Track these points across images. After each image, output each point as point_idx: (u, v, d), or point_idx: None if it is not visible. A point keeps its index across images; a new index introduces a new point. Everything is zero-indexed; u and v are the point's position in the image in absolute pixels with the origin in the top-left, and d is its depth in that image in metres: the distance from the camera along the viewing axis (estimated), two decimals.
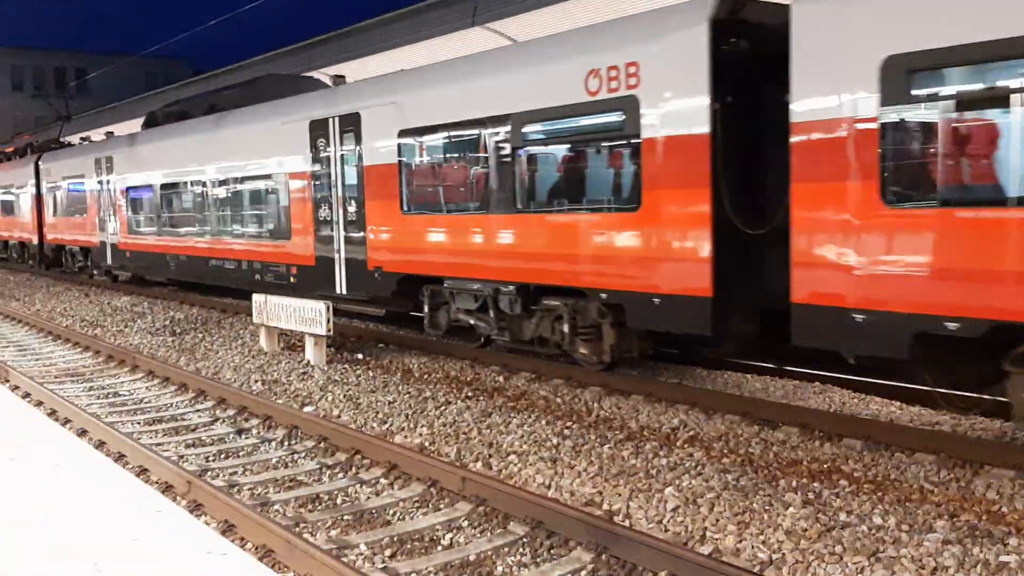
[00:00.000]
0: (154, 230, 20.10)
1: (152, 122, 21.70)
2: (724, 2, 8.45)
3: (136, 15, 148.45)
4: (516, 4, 18.87)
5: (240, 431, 9.04)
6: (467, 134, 11.20)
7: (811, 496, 6.38)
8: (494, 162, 10.77)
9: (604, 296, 9.59)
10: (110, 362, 12.92)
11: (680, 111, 8.66)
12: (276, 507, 6.74)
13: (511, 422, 8.68)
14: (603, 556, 5.56)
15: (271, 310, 12.73)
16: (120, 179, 21.61)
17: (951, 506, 6.20)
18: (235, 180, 16.75)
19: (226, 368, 12.09)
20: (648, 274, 9.08)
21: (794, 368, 10.55)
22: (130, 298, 20.85)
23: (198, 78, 36.68)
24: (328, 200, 13.86)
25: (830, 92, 7.38)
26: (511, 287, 10.71)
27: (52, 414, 9.49)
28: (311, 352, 12.05)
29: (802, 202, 7.63)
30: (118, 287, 23.36)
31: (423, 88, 11.98)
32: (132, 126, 29.96)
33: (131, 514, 4.25)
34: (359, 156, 13.07)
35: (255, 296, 13.15)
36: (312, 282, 14.38)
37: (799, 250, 7.69)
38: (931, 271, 6.88)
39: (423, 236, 11.99)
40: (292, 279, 15.01)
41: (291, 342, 13.35)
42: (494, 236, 10.87)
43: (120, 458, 7.84)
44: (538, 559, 5.72)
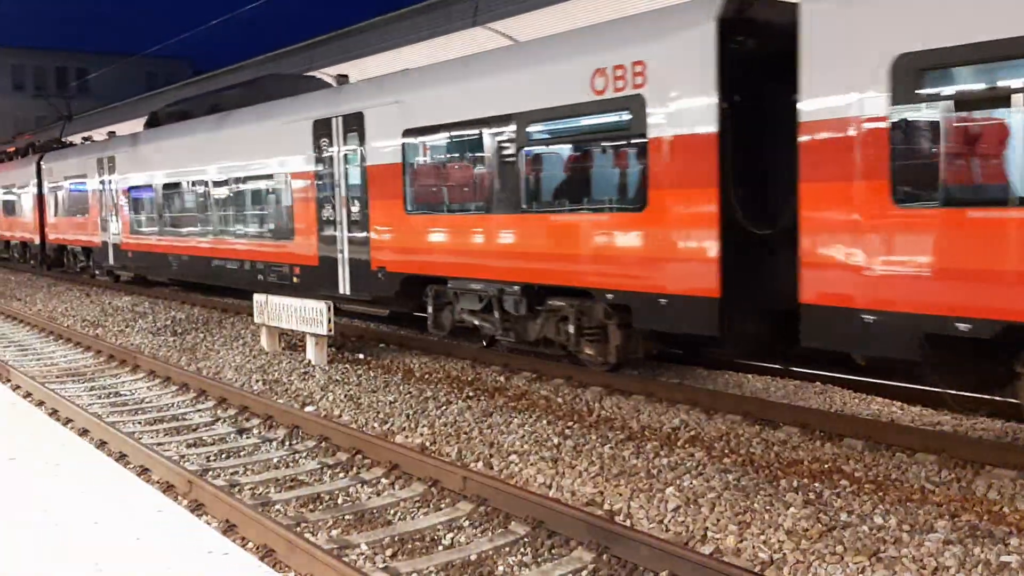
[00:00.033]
0: (156, 230, 20.04)
1: (154, 122, 21.63)
2: (732, 1, 8.39)
3: (137, 15, 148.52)
4: (517, 4, 18.87)
5: (241, 431, 9.05)
6: (471, 133, 11.13)
7: (812, 496, 6.38)
8: (499, 162, 10.70)
9: (610, 297, 9.54)
10: (111, 362, 12.93)
11: (687, 110, 8.59)
12: (277, 507, 6.75)
13: (512, 422, 8.68)
14: (604, 556, 5.56)
15: (272, 310, 12.73)
16: (122, 179, 21.55)
17: (952, 506, 6.20)
18: (238, 180, 16.68)
19: (227, 368, 12.10)
20: (655, 274, 9.01)
21: (795, 368, 10.54)
22: (131, 298, 20.86)
23: (199, 78, 36.69)
24: (331, 200, 13.81)
25: (839, 91, 7.30)
26: (516, 287, 10.65)
27: (53, 414, 9.49)
28: (312, 352, 12.05)
29: (811, 202, 7.56)
30: (119, 287, 23.36)
31: (427, 87, 11.93)
32: (133, 126, 29.98)
33: (132, 514, 4.26)
34: (362, 156, 13.02)
35: (256, 296, 13.14)
36: (315, 282, 14.32)
37: (807, 250, 7.62)
38: (942, 271, 6.79)
39: (427, 236, 11.94)
40: (295, 279, 14.94)
41: (292, 342, 13.36)
42: (499, 236, 10.81)
43: (121, 458, 7.85)
44: (539, 559, 5.72)
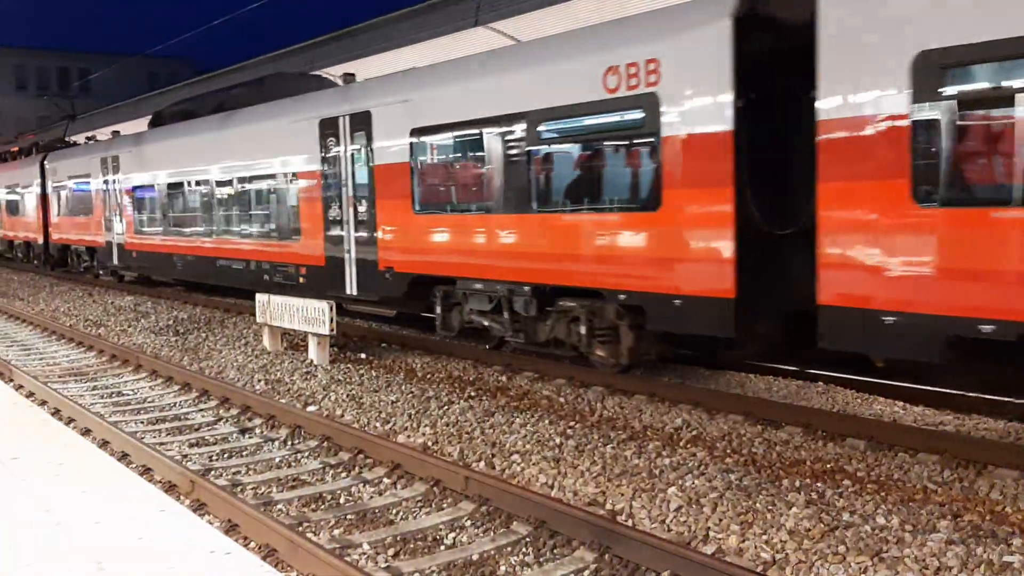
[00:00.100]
0: (161, 230, 20.01)
1: (158, 121, 21.60)
2: None
3: (138, 15, 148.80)
4: (518, 4, 18.86)
5: (243, 430, 9.06)
6: (481, 132, 11.02)
7: (814, 496, 6.38)
8: (509, 161, 10.60)
9: (622, 297, 9.43)
10: (114, 361, 12.94)
11: (702, 109, 8.47)
12: (279, 506, 6.75)
13: (514, 422, 8.68)
14: (606, 556, 5.56)
15: (274, 310, 12.73)
16: (126, 179, 21.52)
17: (954, 506, 6.19)
18: (243, 179, 16.61)
19: (229, 368, 12.11)
20: (669, 275, 8.90)
21: (798, 368, 10.53)
22: (134, 298, 20.88)
23: (201, 78, 36.68)
24: (338, 199, 13.73)
25: (859, 89, 7.17)
26: (526, 288, 10.55)
27: (56, 413, 9.51)
28: (314, 352, 12.06)
29: (829, 201, 7.43)
30: (121, 287, 23.38)
31: (436, 86, 11.82)
32: (135, 126, 30.00)
33: (134, 513, 4.26)
34: (370, 155, 12.93)
35: (258, 296, 13.14)
36: (322, 283, 14.25)
37: (825, 251, 7.48)
38: (965, 272, 6.66)
39: (435, 236, 11.84)
40: (301, 279, 14.88)
41: (294, 342, 13.36)
42: (509, 236, 10.70)
43: (124, 457, 7.86)
44: (541, 559, 5.72)
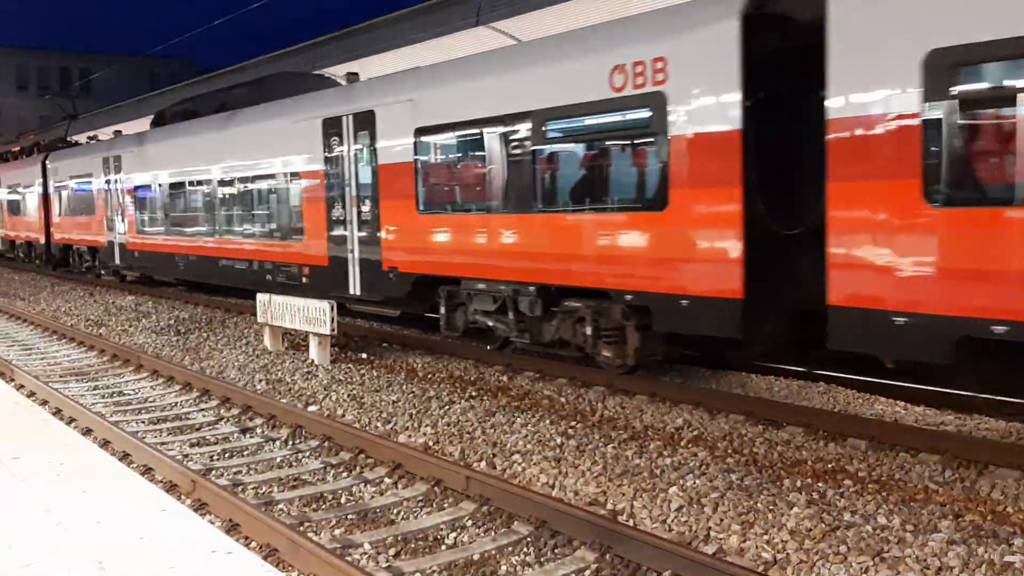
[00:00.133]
0: (163, 230, 19.98)
1: (160, 121, 21.58)
2: None
3: (139, 15, 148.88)
4: (520, 4, 18.86)
5: (244, 430, 9.06)
6: (486, 132, 10.97)
7: (815, 496, 6.37)
8: (514, 160, 10.54)
9: (629, 298, 9.36)
10: (115, 361, 12.95)
11: (710, 108, 8.39)
12: (280, 506, 6.75)
13: (515, 421, 8.68)
14: (607, 556, 5.56)
15: (275, 310, 12.73)
16: (128, 178, 21.49)
17: (956, 506, 6.19)
18: (246, 179, 16.56)
19: (230, 367, 12.11)
20: (676, 275, 8.84)
21: (799, 368, 10.52)
22: (135, 297, 20.89)
23: (202, 77, 36.69)
24: (341, 199, 13.67)
25: (869, 88, 7.09)
26: (531, 288, 10.48)
27: (57, 413, 9.51)
28: (315, 351, 12.06)
29: (839, 201, 7.36)
30: (122, 286, 23.40)
31: (441, 85, 11.77)
32: (136, 126, 30.01)
33: (135, 513, 4.27)
34: (373, 154, 12.88)
35: (259, 295, 13.14)
36: (325, 283, 14.19)
37: (835, 251, 7.39)
38: (978, 272, 6.58)
39: (440, 236, 11.78)
40: (304, 279, 14.82)
41: (295, 341, 13.37)
42: (514, 236, 10.63)
43: (124, 457, 7.86)
44: (542, 559, 5.72)
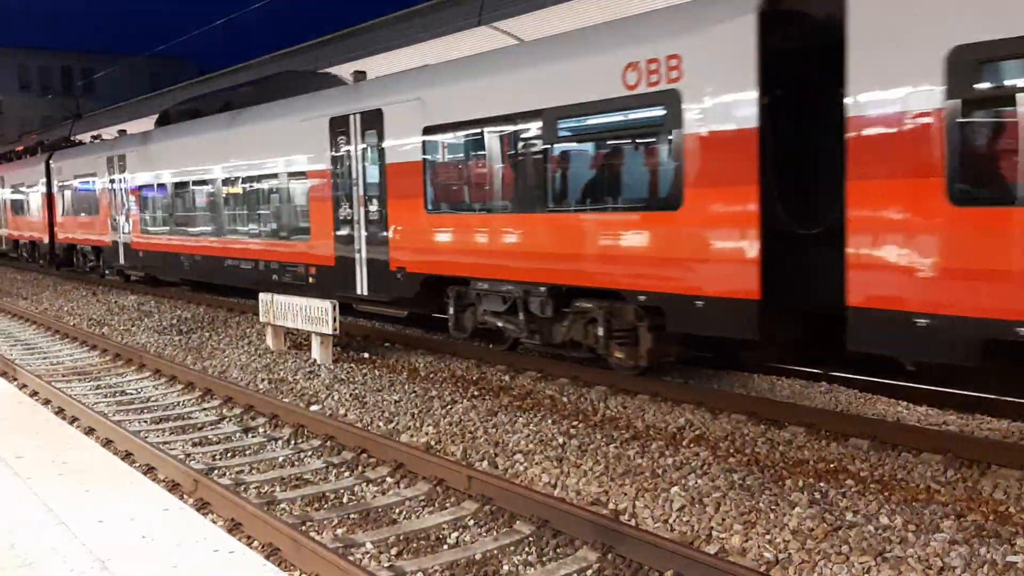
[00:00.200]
0: (168, 229, 19.93)
1: (165, 120, 21.54)
2: None
3: (141, 15, 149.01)
4: (522, 3, 18.85)
5: (247, 430, 9.07)
6: (496, 130, 10.88)
7: (817, 496, 6.37)
8: (525, 159, 10.43)
9: (642, 298, 9.26)
10: (117, 361, 12.96)
11: (726, 105, 8.26)
12: (282, 506, 6.76)
13: (517, 421, 8.68)
14: (609, 555, 5.56)
15: (277, 309, 12.74)
16: (133, 178, 21.44)
17: (958, 506, 6.19)
18: (252, 178, 16.49)
19: (233, 367, 12.12)
20: (691, 276, 8.70)
21: (801, 368, 10.52)
22: (137, 297, 20.91)
23: (205, 77, 36.72)
24: (349, 199, 13.60)
25: (890, 85, 6.96)
26: (542, 288, 10.39)
27: (59, 412, 9.52)
28: (317, 351, 12.07)
29: (859, 200, 7.22)
30: (124, 286, 23.41)
31: (449, 83, 11.69)
32: (138, 126, 30.02)
33: (138, 512, 4.27)
34: (381, 154, 12.80)
35: (261, 295, 13.13)
36: (332, 283, 14.11)
37: (855, 251, 7.26)
38: (1003, 273, 6.48)
39: (448, 236, 11.70)
40: (311, 279, 14.74)
41: (297, 341, 13.38)
42: (524, 236, 10.54)
43: (127, 456, 7.87)
44: (544, 558, 5.72)
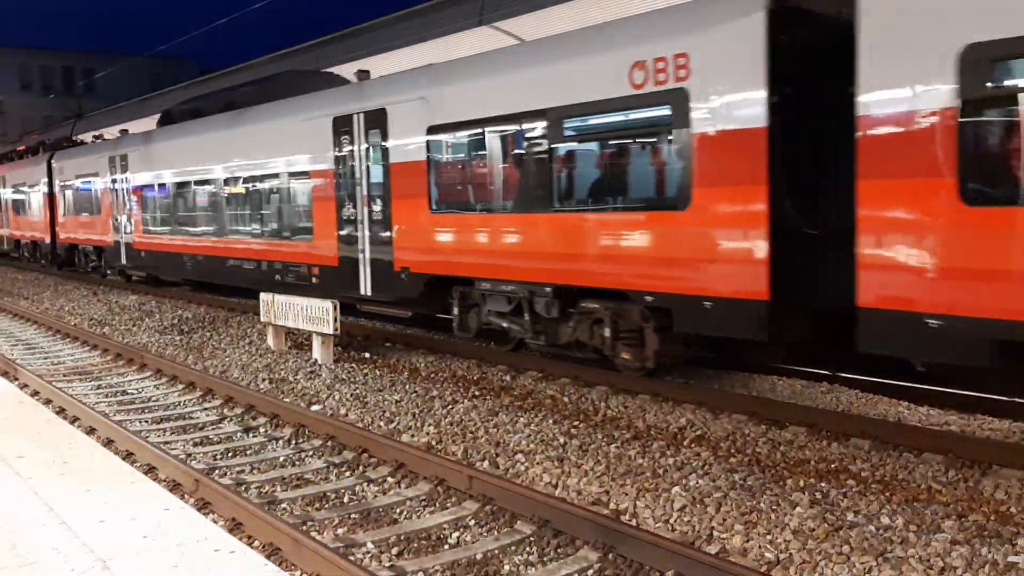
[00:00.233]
0: (170, 229, 19.91)
1: (167, 120, 21.50)
2: None
3: (142, 15, 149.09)
4: (522, 3, 18.86)
5: (247, 429, 9.07)
6: (501, 130, 10.85)
7: (818, 496, 6.37)
8: (530, 159, 10.39)
9: (649, 299, 9.21)
10: (118, 360, 12.97)
11: (734, 104, 8.21)
12: (283, 505, 6.76)
13: (518, 421, 8.68)
14: (610, 555, 5.56)
15: (278, 309, 12.74)
16: (135, 177, 21.41)
17: (959, 506, 6.19)
18: (255, 178, 16.46)
19: (233, 367, 12.12)
20: (699, 276, 8.65)
21: (802, 368, 10.52)
22: (138, 297, 20.91)
23: (206, 77, 36.73)
24: (352, 199, 13.57)
25: (902, 83, 6.90)
26: (548, 289, 10.34)
27: (60, 412, 9.53)
28: (318, 351, 12.07)
29: (869, 200, 7.16)
30: (126, 286, 23.42)
31: (453, 83, 11.65)
32: (140, 125, 30.02)
33: (139, 512, 4.27)
34: (385, 153, 12.76)
35: (262, 295, 13.14)
36: (335, 283, 14.07)
37: (865, 251, 7.21)
38: (1016, 274, 6.36)
39: (453, 236, 11.66)
40: (314, 280, 14.71)
41: (298, 341, 13.38)
42: (530, 236, 10.48)
43: (128, 456, 7.87)
44: (545, 558, 5.72)
